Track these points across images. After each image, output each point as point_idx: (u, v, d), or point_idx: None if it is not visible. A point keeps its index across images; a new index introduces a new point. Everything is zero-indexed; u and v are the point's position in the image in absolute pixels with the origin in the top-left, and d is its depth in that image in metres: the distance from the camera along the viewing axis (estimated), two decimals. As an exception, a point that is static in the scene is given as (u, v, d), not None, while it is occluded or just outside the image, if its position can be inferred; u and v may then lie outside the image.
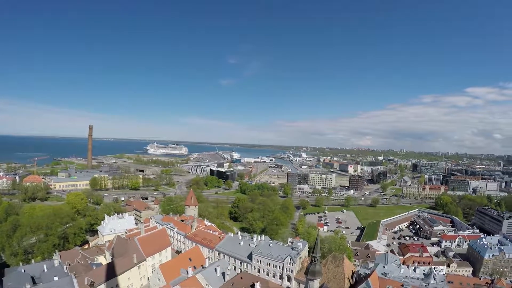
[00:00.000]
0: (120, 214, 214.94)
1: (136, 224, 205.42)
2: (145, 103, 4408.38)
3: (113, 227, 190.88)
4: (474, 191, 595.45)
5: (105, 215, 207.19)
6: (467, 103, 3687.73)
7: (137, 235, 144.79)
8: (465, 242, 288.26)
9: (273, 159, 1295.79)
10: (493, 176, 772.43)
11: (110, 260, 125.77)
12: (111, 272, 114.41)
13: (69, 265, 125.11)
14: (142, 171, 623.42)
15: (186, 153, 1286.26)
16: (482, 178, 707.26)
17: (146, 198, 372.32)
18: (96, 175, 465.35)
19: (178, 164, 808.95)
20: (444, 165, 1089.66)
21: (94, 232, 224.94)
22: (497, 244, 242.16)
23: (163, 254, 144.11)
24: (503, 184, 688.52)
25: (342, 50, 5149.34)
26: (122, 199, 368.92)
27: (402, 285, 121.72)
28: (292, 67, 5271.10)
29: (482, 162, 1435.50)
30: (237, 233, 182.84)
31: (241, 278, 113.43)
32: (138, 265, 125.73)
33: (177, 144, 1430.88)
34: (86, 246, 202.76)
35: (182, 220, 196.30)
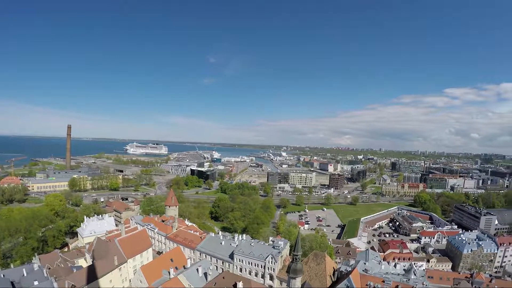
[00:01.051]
0: (100, 215, 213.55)
1: (116, 225, 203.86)
2: (124, 102, 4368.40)
3: (93, 228, 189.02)
4: (452, 188, 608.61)
5: (85, 216, 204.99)
6: (446, 103, 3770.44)
7: (118, 237, 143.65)
8: (444, 238, 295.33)
9: (254, 158, 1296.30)
10: (470, 174, 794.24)
11: (91, 263, 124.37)
12: (92, 275, 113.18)
13: (49, 268, 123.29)
14: (121, 171, 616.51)
15: (166, 152, 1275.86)
16: (459, 176, 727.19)
17: (126, 199, 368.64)
18: (75, 176, 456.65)
19: (158, 164, 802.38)
20: (423, 164, 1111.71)
21: (74, 234, 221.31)
22: (475, 240, 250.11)
23: (144, 255, 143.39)
24: (480, 181, 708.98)
25: (323, 50, 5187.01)
26: (102, 200, 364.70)
27: (383, 281, 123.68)
28: (273, 66, 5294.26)
29: (460, 161, 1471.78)
30: (218, 233, 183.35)
31: (223, 277, 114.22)
32: (119, 267, 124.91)
33: (157, 144, 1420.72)
34: (66, 249, 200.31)
35: (163, 221, 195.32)
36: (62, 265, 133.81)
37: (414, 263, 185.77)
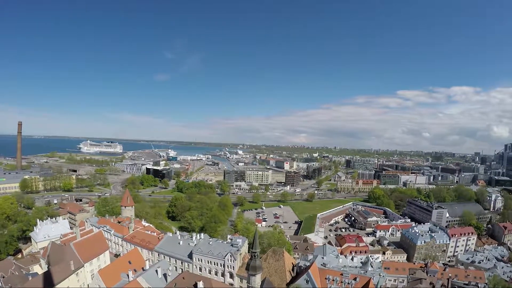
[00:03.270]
0: (54, 218, 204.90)
1: (71, 228, 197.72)
2: (77, 99, 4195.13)
3: (47, 232, 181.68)
4: (405, 184, 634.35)
5: (38, 220, 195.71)
6: (398, 104, 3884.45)
7: (73, 240, 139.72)
8: (398, 231, 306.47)
9: (210, 156, 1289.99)
10: (421, 171, 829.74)
11: (46, 269, 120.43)
12: (48, 281, 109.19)
13: (3, 277, 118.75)
14: (75, 171, 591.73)
15: (121, 151, 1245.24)
16: (411, 173, 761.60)
17: (80, 200, 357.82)
18: (26, 176, 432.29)
19: (113, 163, 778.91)
20: (376, 161, 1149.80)
21: (27, 239, 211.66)
22: (428, 232, 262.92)
23: (101, 258, 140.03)
24: (431, 177, 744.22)
25: (277, 50, 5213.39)
26: (55, 201, 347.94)
27: (342, 274, 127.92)
28: (228, 64, 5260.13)
29: (412, 158, 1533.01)
30: (176, 233, 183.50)
31: (183, 278, 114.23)
32: (76, 272, 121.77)
33: (111, 142, 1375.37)
34: (20, 255, 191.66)
35: (119, 222, 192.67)
36: (16, 273, 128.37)
37: (371, 256, 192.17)
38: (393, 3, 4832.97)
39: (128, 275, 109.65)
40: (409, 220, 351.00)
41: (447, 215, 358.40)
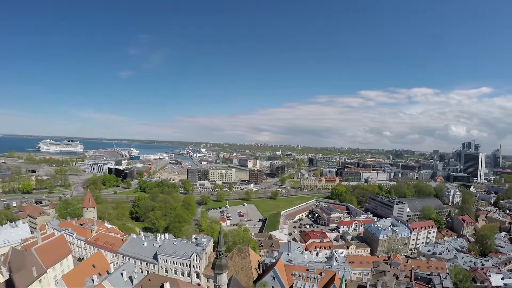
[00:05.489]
0: (13, 222, 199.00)
1: (32, 232, 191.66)
2: (36, 95, 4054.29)
3: (6, 238, 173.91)
4: (366, 181, 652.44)
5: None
6: (360, 104, 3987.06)
7: (34, 245, 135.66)
8: (361, 226, 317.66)
9: (173, 155, 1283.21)
10: (382, 168, 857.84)
11: (8, 277, 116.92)
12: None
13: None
14: (34, 171, 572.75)
15: (82, 150, 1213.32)
16: (373, 170, 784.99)
17: (41, 202, 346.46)
18: None
19: (74, 163, 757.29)
20: (338, 159, 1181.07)
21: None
22: (389, 226, 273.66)
23: (64, 263, 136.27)
24: (392, 174, 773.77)
25: (240, 49, 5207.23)
26: (14, 204, 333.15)
27: (307, 270, 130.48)
28: (192, 61, 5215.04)
29: (373, 156, 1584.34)
30: (140, 234, 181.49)
31: (149, 280, 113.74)
32: (39, 279, 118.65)
33: (72, 141, 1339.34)
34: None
35: (81, 224, 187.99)
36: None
37: (335, 251, 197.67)
38: (351, 2, 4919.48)
39: (92, 279, 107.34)
40: (371, 215, 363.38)
41: (408, 209, 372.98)
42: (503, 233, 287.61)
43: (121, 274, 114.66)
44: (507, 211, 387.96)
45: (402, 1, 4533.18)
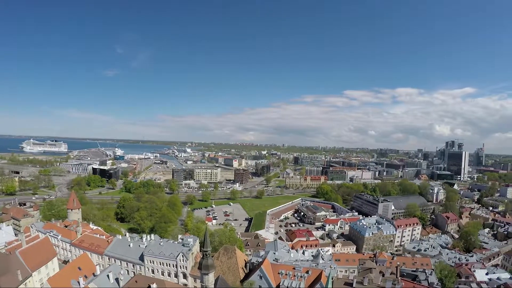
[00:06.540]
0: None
1: (16, 235, 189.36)
2: (19, 94, 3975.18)
3: None
4: (351, 179, 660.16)
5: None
6: (345, 103, 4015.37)
7: (19, 248, 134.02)
8: (347, 224, 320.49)
9: (158, 155, 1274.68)
10: (367, 167, 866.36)
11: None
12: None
13: None
14: (18, 172, 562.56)
15: (66, 150, 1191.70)
16: (358, 169, 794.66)
17: (24, 204, 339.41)
18: None
19: (58, 163, 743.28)
20: (324, 158, 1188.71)
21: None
22: (375, 224, 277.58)
23: (49, 266, 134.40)
24: (377, 173, 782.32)
25: (227, 49, 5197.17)
26: None
27: (294, 268, 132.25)
28: (179, 61, 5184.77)
29: (358, 155, 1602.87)
30: (125, 235, 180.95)
31: (136, 281, 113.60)
32: (24, 282, 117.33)
33: (55, 141, 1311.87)
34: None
35: (66, 226, 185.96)
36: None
37: (321, 249, 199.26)
38: (335, 2, 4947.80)
39: (79, 282, 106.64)
40: (356, 213, 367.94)
41: (393, 207, 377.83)
42: (486, 230, 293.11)
43: (108, 276, 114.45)
44: (490, 208, 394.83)
45: (386, 1, 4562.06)
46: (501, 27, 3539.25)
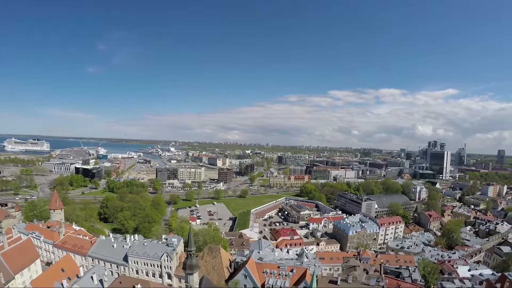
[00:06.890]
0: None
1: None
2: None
3: None
4: (335, 178, 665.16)
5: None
6: (329, 103, 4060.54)
7: (0, 250, 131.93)
8: (330, 223, 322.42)
9: (141, 154, 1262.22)
10: (351, 166, 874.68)
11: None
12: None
13: None
14: None
15: (48, 149, 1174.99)
16: (341, 168, 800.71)
17: (6, 205, 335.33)
18: None
19: (40, 163, 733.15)
20: (307, 157, 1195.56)
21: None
22: (358, 222, 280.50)
23: (32, 268, 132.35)
24: (360, 172, 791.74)
25: (208, 48, 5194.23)
26: None
27: (278, 267, 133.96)
28: (161, 59, 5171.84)
29: (341, 154, 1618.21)
30: (109, 235, 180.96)
31: (120, 282, 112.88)
32: (6, 285, 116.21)
33: (37, 140, 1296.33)
34: None
35: (48, 227, 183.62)
36: None
37: (305, 248, 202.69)
38: (319, 2, 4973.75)
39: (62, 284, 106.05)
40: (340, 212, 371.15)
41: (376, 206, 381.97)
42: (468, 227, 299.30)
43: (91, 277, 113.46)
44: (472, 206, 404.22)
45: (372, 2, 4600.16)
46: (483, 30, 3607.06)
